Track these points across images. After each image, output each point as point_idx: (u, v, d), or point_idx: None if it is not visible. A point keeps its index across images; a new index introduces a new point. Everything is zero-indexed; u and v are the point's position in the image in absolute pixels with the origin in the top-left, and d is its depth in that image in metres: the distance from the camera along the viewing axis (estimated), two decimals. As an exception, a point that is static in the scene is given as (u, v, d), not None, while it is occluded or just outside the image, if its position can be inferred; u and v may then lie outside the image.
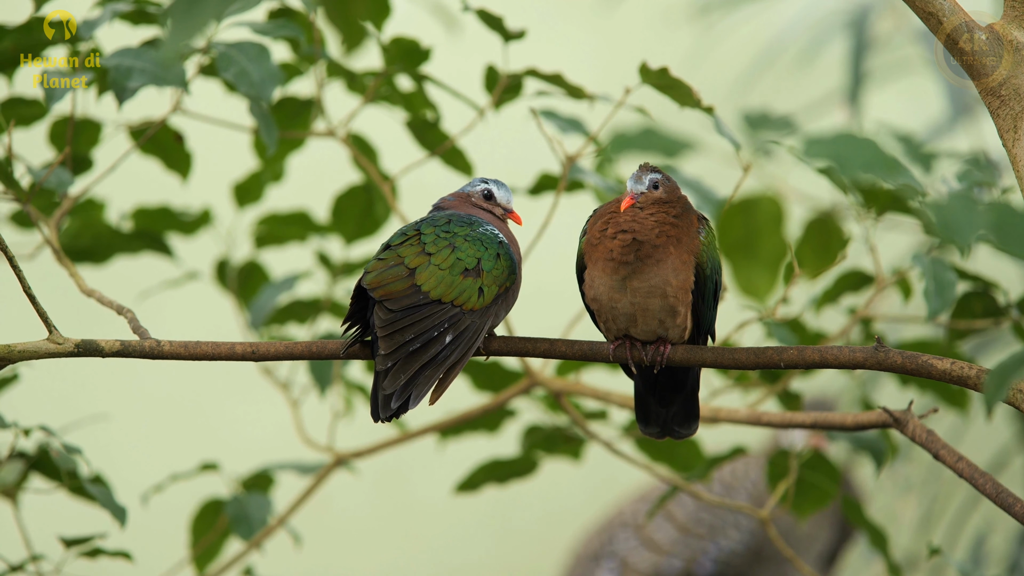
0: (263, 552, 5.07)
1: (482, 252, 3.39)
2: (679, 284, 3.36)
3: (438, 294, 3.34)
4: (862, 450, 4.60)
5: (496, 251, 3.41)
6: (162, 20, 4.18)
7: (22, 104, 4.38)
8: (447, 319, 3.33)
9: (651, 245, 3.36)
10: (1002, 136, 3.27)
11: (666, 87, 4.19)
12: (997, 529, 7.57)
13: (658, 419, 3.57)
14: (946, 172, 3.90)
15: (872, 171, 2.37)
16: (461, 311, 3.34)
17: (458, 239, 3.40)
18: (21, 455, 4.35)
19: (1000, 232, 2.39)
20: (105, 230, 4.92)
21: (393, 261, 3.38)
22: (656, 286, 3.36)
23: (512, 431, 6.69)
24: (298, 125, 4.78)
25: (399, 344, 3.30)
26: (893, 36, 7.93)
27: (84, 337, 3.37)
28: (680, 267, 3.36)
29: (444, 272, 3.35)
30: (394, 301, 3.33)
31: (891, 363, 3.25)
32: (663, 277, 3.36)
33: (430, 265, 3.36)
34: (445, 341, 3.31)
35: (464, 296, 3.35)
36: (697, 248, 3.38)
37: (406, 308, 3.33)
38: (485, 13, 4.36)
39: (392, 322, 3.31)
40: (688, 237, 3.38)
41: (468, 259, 3.37)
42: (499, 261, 3.41)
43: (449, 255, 3.37)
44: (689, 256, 3.37)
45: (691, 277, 3.36)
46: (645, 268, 3.36)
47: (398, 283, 3.35)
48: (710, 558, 6.57)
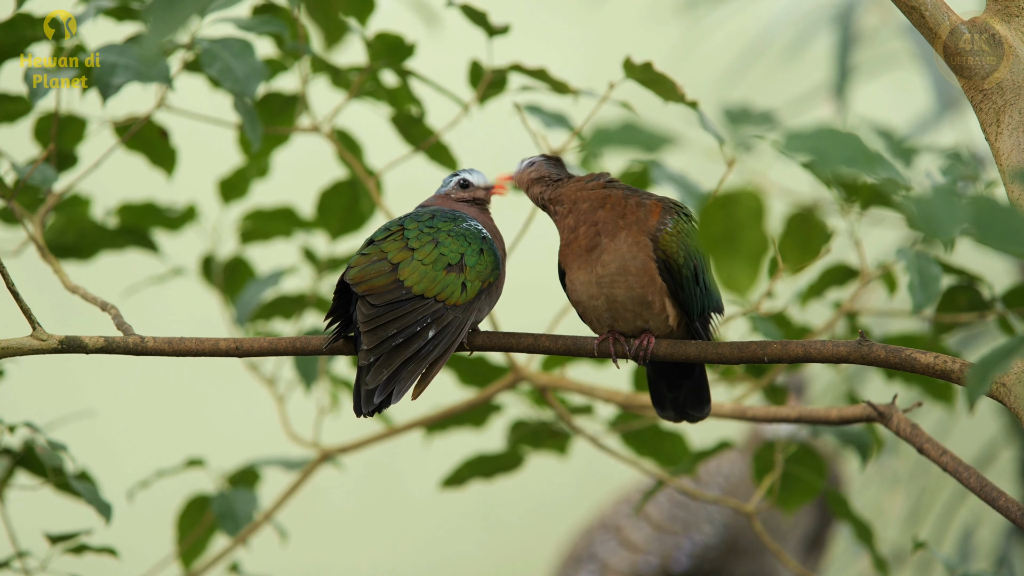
0: (249, 548, 5.07)
1: (465, 247, 3.39)
2: (639, 269, 3.37)
3: (421, 289, 3.34)
4: (848, 444, 4.60)
5: (479, 246, 3.41)
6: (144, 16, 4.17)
7: (6, 100, 4.37)
8: (430, 314, 3.32)
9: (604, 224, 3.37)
10: (985, 130, 3.27)
11: (650, 82, 4.19)
12: (985, 523, 7.58)
13: (673, 403, 3.58)
14: (930, 166, 3.90)
15: (854, 165, 2.37)
16: (444, 306, 3.34)
17: (441, 234, 3.40)
18: (7, 452, 4.35)
19: (982, 226, 2.39)
20: (90, 226, 4.91)
21: (376, 256, 3.38)
22: (619, 270, 3.36)
23: (498, 426, 6.70)
24: (283, 121, 4.78)
25: (382, 339, 3.30)
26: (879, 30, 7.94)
27: (69, 334, 3.36)
28: (635, 250, 3.36)
29: (427, 267, 3.35)
30: (377, 296, 3.33)
31: (875, 357, 3.25)
32: (621, 263, 3.36)
33: (413, 260, 3.35)
34: (428, 336, 3.31)
35: (447, 291, 3.35)
36: (656, 232, 3.38)
37: (389, 303, 3.32)
38: (469, 8, 4.36)
39: (374, 317, 3.31)
40: (636, 217, 3.38)
41: (451, 254, 3.37)
42: (482, 256, 3.40)
43: (432, 250, 3.37)
44: (643, 238, 3.37)
45: (650, 263, 3.36)
46: (605, 248, 3.36)
47: (381, 278, 3.35)
48: (685, 553, 6.59)
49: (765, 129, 2.37)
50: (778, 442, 4.70)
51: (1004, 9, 3.28)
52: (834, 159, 2.37)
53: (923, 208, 2.39)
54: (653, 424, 4.94)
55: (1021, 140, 3.24)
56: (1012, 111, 3.25)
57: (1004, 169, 3.24)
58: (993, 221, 2.39)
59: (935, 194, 2.40)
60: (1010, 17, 3.28)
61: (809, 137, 2.37)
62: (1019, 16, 3.28)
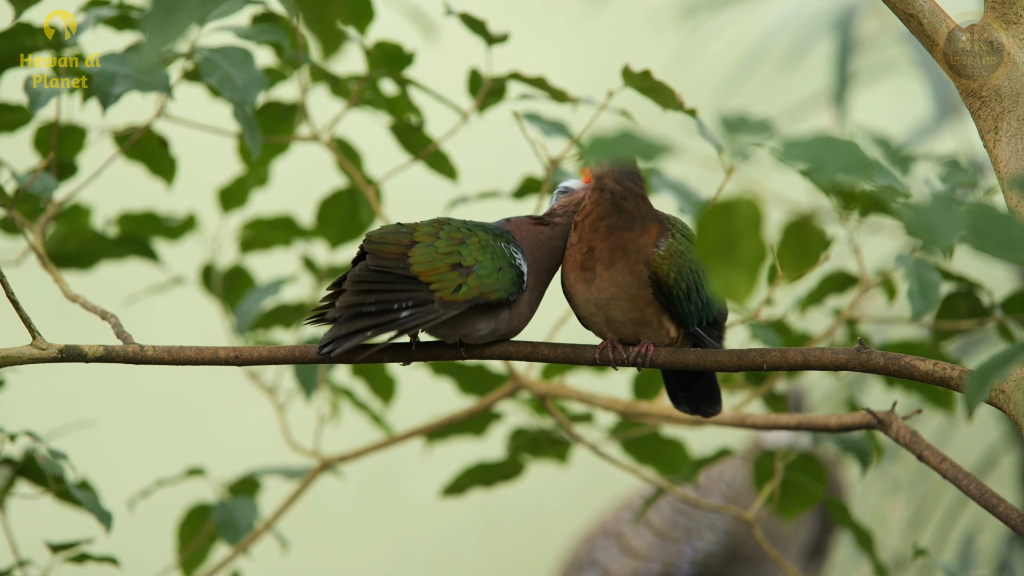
0: (250, 557, 5.07)
1: (486, 259, 3.38)
2: (632, 296, 3.38)
3: (418, 270, 3.33)
4: (848, 451, 4.60)
5: (500, 265, 3.39)
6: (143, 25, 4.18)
7: (6, 110, 4.37)
8: (413, 299, 3.32)
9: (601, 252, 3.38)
10: (983, 137, 3.27)
11: (649, 90, 4.19)
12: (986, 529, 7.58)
13: (686, 399, 3.60)
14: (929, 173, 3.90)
15: (852, 173, 2.37)
16: (431, 296, 3.33)
17: (473, 238, 3.39)
18: (7, 461, 4.35)
19: (980, 233, 2.39)
20: (90, 235, 4.91)
21: (407, 230, 3.38)
22: (614, 296, 3.38)
23: (498, 434, 6.70)
24: (282, 130, 4.78)
25: (357, 303, 3.29)
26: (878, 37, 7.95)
27: (68, 342, 3.36)
28: (630, 280, 3.37)
29: (438, 255, 3.35)
30: (377, 258, 3.33)
31: (873, 364, 3.25)
32: (616, 289, 3.37)
33: (431, 245, 3.36)
34: (400, 316, 3.30)
35: (441, 284, 3.33)
36: (649, 257, 3.38)
37: (383, 270, 3.32)
38: (468, 17, 4.36)
39: (361, 280, 3.31)
40: (636, 246, 3.38)
41: (467, 258, 3.36)
42: (500, 274, 3.38)
43: (452, 246, 3.36)
44: (639, 266, 3.38)
45: (645, 291, 3.38)
46: (600, 275, 3.38)
47: (393, 247, 3.35)
48: (687, 560, 6.59)
49: (763, 137, 2.37)
50: (778, 450, 4.70)
51: (1003, 16, 3.28)
52: (832, 167, 2.37)
53: (921, 215, 2.39)
54: (653, 432, 4.94)
55: (1019, 147, 3.24)
56: (1010, 118, 3.25)
57: (1003, 176, 3.24)
58: (992, 228, 2.39)
59: (934, 201, 2.40)
60: (1008, 24, 3.28)
61: (807, 145, 2.38)
62: (1017, 23, 3.28)
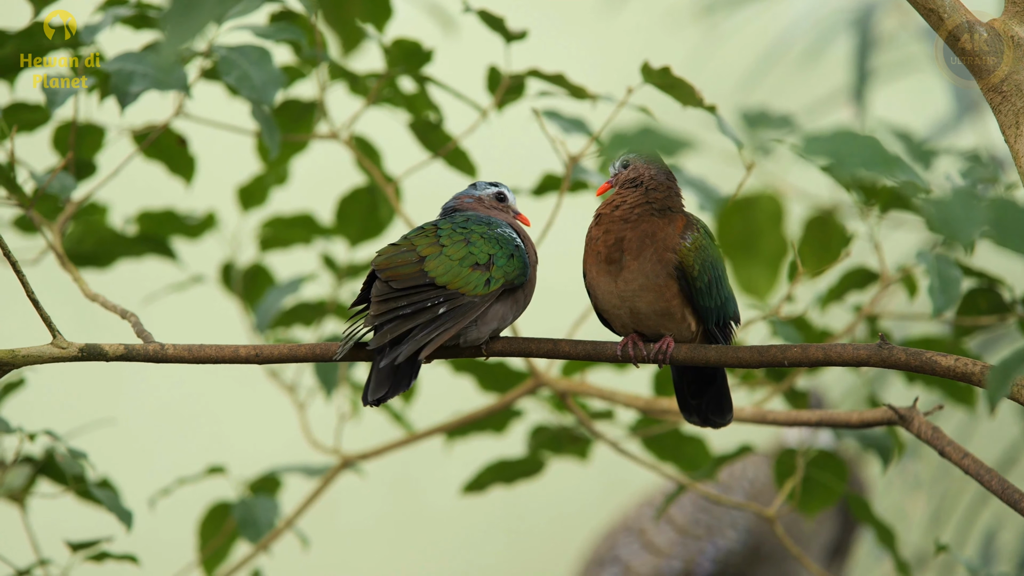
0: (271, 555, 5.08)
1: (496, 250, 3.41)
2: (660, 286, 3.38)
3: (444, 282, 3.36)
4: (869, 448, 4.59)
5: (510, 251, 3.43)
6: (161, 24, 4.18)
7: (25, 109, 4.38)
8: (444, 295, 3.34)
9: (630, 242, 3.39)
10: (1004, 132, 3.26)
11: (668, 86, 4.18)
12: (1007, 525, 7.56)
13: (697, 409, 3.59)
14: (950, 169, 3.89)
15: (873, 168, 2.37)
16: (462, 294, 3.36)
17: (474, 235, 3.43)
18: (28, 460, 4.36)
19: (1001, 228, 2.39)
20: (109, 234, 4.91)
21: (406, 247, 3.40)
22: (641, 287, 3.38)
23: (519, 432, 6.69)
24: (301, 128, 4.78)
25: (390, 308, 3.31)
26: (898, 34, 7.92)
27: (88, 341, 3.36)
28: (658, 269, 3.38)
29: (454, 263, 3.37)
30: (399, 282, 3.35)
31: (895, 360, 3.24)
32: (644, 279, 3.38)
33: (442, 255, 3.38)
34: (438, 312, 3.33)
35: (470, 286, 3.36)
36: (677, 246, 3.39)
37: (408, 288, 3.35)
38: (486, 14, 4.36)
39: (387, 292, 3.33)
40: (664, 235, 3.40)
41: (480, 255, 3.39)
42: (512, 260, 3.42)
43: (462, 248, 3.39)
44: (668, 254, 3.39)
45: (671, 281, 3.38)
46: (628, 266, 3.38)
47: (407, 267, 3.37)
48: (708, 558, 6.58)
49: (784, 133, 2.37)
50: (800, 447, 4.69)
51: (1023, 11, 3.27)
52: (853, 162, 2.36)
53: (942, 211, 2.38)
54: (674, 428, 4.93)
55: (1041, 142, 3.23)
56: (1031, 113, 3.24)
57: (1023, 171, 3.23)
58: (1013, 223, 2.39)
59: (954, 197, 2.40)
60: (1029, 19, 3.27)
61: (828, 140, 2.37)
62: (1038, 17, 3.27)
